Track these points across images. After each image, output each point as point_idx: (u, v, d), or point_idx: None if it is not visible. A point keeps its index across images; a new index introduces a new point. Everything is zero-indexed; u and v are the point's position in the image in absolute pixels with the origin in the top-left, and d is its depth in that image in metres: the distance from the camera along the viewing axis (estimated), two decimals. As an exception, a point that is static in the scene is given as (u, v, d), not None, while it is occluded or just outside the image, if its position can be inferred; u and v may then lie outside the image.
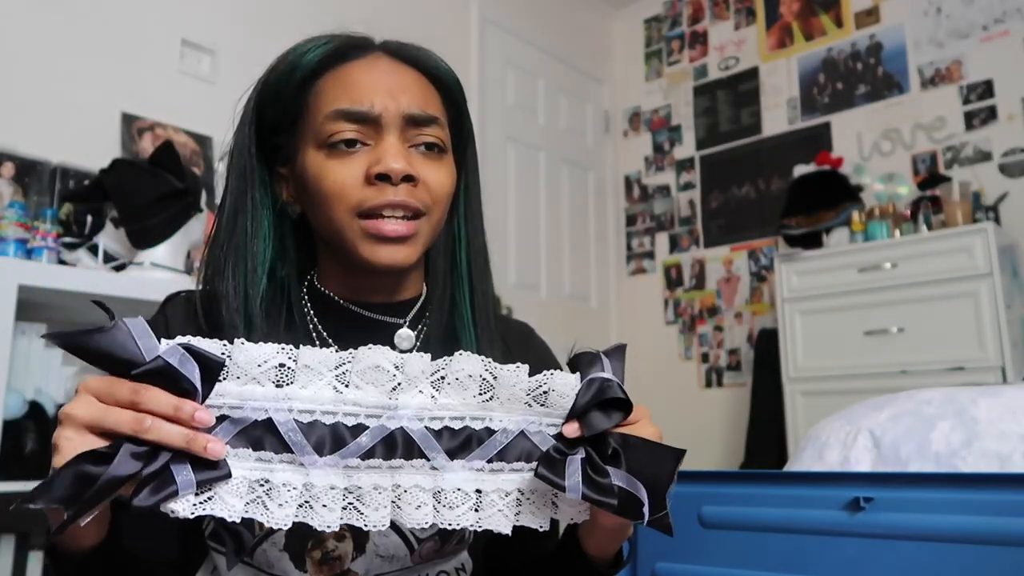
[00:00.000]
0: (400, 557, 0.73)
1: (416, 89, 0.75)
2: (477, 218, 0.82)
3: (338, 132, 0.72)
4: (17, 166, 1.86)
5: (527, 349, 0.87)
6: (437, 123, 0.75)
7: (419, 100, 0.74)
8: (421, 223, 0.73)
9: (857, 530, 0.83)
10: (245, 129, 0.76)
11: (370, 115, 0.72)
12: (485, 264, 0.82)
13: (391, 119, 0.72)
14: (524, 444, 0.60)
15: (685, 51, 3.77)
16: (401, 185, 0.71)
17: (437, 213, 0.75)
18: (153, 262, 1.75)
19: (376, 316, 0.78)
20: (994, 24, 2.91)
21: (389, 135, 0.72)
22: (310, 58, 0.74)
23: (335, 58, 0.75)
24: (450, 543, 0.76)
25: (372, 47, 0.77)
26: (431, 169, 0.74)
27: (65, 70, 2.04)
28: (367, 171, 0.71)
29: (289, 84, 0.75)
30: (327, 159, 0.72)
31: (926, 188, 2.78)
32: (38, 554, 1.65)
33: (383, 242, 0.71)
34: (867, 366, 2.62)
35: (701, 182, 3.62)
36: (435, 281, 0.81)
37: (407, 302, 0.80)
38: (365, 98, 0.72)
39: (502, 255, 3.17)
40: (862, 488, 0.84)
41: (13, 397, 1.55)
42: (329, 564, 0.71)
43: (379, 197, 0.71)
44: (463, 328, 0.79)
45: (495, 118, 3.22)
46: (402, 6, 2.83)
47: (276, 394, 0.56)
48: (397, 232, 0.71)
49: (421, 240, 0.74)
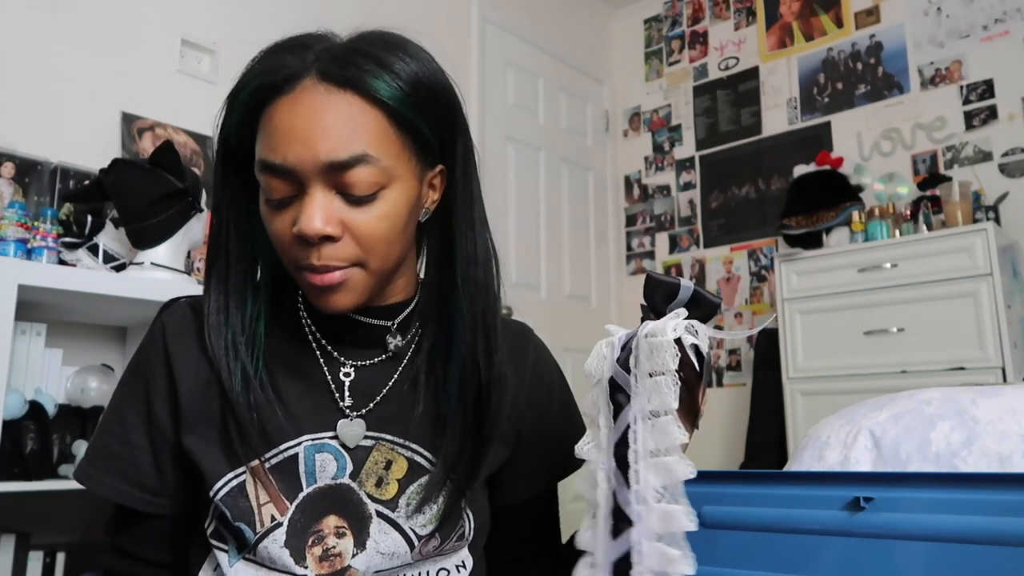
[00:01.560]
0: (400, 554, 0.73)
1: (337, 128, 0.67)
2: (477, 221, 0.78)
3: (267, 185, 0.69)
4: (17, 166, 1.86)
5: (525, 351, 0.87)
6: (364, 161, 0.67)
7: (337, 144, 0.66)
8: (352, 272, 0.70)
9: (857, 530, 0.83)
10: (218, 164, 0.75)
11: (284, 168, 0.67)
12: (488, 268, 0.78)
13: (310, 170, 0.67)
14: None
15: (685, 51, 3.77)
16: (322, 245, 0.68)
17: (376, 257, 0.71)
18: (153, 262, 1.75)
19: (365, 319, 0.78)
20: (994, 24, 2.91)
21: (313, 188, 0.67)
22: (243, 97, 0.70)
23: (266, 92, 0.69)
24: (450, 540, 0.76)
25: (303, 72, 0.68)
26: (358, 215, 0.68)
27: (65, 70, 2.04)
28: (292, 227, 0.69)
29: (233, 124, 0.72)
30: (266, 208, 0.71)
31: (926, 188, 2.78)
32: (38, 554, 1.65)
33: (321, 292, 0.71)
34: (867, 366, 2.62)
35: (701, 182, 3.62)
36: (428, 286, 0.80)
37: (398, 305, 0.80)
38: (279, 151, 0.67)
39: (502, 255, 3.15)
40: (862, 488, 0.83)
41: (13, 397, 1.55)
42: (330, 561, 0.71)
43: (305, 257, 0.69)
44: (458, 337, 0.76)
45: (495, 118, 3.22)
46: (402, 6, 2.83)
47: None
48: (325, 283, 0.69)
49: (358, 287, 0.71)
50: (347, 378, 0.77)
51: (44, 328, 1.75)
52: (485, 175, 0.83)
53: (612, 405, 0.62)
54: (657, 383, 0.60)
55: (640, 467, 0.59)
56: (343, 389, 0.77)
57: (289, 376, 0.76)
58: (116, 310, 1.82)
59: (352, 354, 0.78)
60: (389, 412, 0.77)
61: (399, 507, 0.74)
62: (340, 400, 0.76)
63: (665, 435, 0.59)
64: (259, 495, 0.72)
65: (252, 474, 0.72)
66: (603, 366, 0.63)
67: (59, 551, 1.69)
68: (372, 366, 0.78)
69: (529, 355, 0.86)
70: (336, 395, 0.76)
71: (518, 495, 0.85)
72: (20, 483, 1.54)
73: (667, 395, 0.59)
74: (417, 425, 0.76)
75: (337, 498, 0.73)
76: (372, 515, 0.74)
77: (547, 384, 0.88)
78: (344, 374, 0.77)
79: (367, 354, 0.79)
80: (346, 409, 0.76)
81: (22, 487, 1.54)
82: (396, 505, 0.74)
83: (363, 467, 0.75)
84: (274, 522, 0.71)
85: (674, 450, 0.59)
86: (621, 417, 0.61)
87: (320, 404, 0.76)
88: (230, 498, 0.71)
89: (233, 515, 0.71)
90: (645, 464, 0.59)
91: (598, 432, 0.63)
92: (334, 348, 0.78)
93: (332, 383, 0.77)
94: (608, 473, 0.61)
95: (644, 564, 0.58)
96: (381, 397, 0.77)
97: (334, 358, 0.78)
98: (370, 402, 0.77)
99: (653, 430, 0.60)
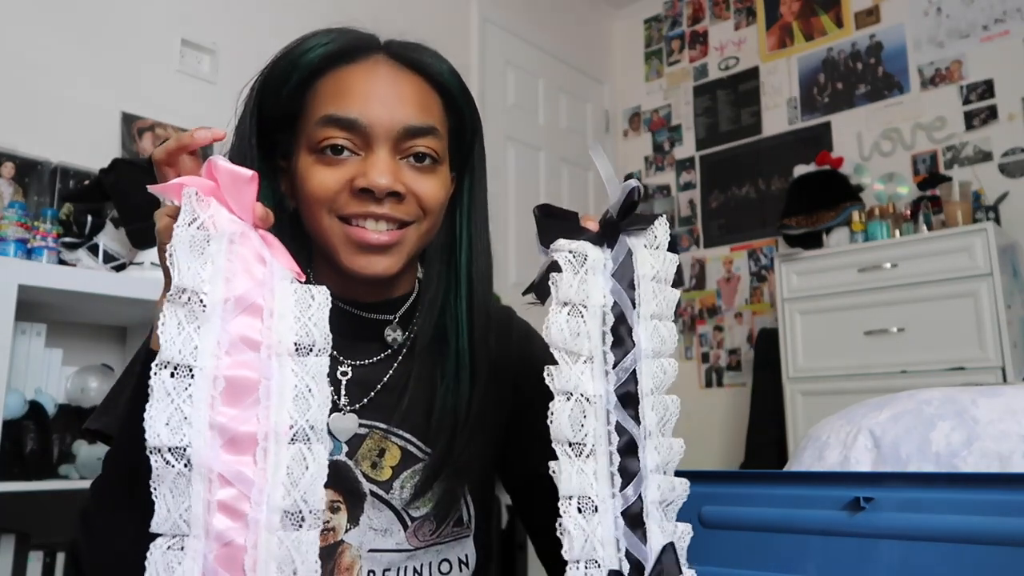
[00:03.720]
0: (394, 531, 0.74)
1: (414, 99, 0.73)
2: (481, 221, 0.81)
3: (327, 138, 0.71)
4: (17, 166, 1.86)
5: (508, 332, 0.88)
6: (434, 134, 0.73)
7: (416, 111, 0.73)
8: (408, 231, 0.73)
9: (857, 530, 0.83)
10: (246, 120, 0.76)
11: (359, 124, 0.71)
12: (487, 268, 0.81)
13: (383, 132, 0.71)
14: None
15: (685, 51, 3.77)
16: (386, 200, 0.71)
17: (427, 223, 0.74)
18: (153, 262, 1.75)
19: (366, 315, 0.79)
20: (994, 24, 2.91)
21: (380, 148, 0.71)
22: (311, 57, 0.73)
23: (335, 59, 0.74)
24: (447, 525, 0.77)
25: (374, 48, 0.75)
26: (422, 181, 0.73)
27: (65, 70, 2.03)
28: (352, 181, 0.70)
29: (288, 83, 0.74)
30: (315, 163, 0.72)
31: (926, 188, 2.78)
32: (38, 554, 1.65)
33: (365, 251, 0.71)
34: (867, 366, 2.62)
35: (701, 182, 3.62)
36: (428, 282, 0.81)
37: (399, 299, 0.81)
38: (356, 107, 0.71)
39: (502, 255, 3.17)
40: (862, 488, 0.84)
41: (13, 397, 1.55)
42: (323, 535, 0.71)
43: (361, 208, 0.70)
44: (455, 331, 0.78)
45: (495, 118, 3.22)
46: (402, 6, 2.83)
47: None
48: (380, 241, 0.71)
49: (406, 249, 0.73)
50: (344, 377, 0.77)
51: (44, 328, 1.74)
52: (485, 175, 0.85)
53: (613, 337, 0.63)
54: (657, 327, 0.64)
55: (645, 404, 0.63)
56: (339, 387, 0.77)
57: None
58: (116, 310, 1.82)
59: (350, 351, 0.78)
60: (383, 402, 0.77)
61: (393, 489, 0.75)
62: (335, 396, 0.76)
63: (665, 376, 0.64)
64: None
65: None
66: (594, 287, 0.63)
67: (59, 551, 1.69)
68: (370, 364, 0.79)
69: (513, 335, 0.88)
70: (331, 391, 0.76)
71: (536, 463, 0.84)
72: (20, 483, 1.54)
73: (673, 335, 0.66)
74: (411, 415, 0.77)
75: (332, 473, 0.73)
76: (367, 494, 0.74)
77: (539, 360, 0.88)
78: (341, 373, 0.77)
79: (365, 350, 0.79)
80: (340, 404, 0.76)
81: (22, 487, 1.54)
82: (391, 487, 0.75)
83: (358, 451, 0.75)
84: None
85: (669, 387, 0.65)
86: (627, 353, 0.63)
87: None
88: None
89: None
90: (647, 402, 0.63)
91: (578, 365, 0.62)
92: (334, 342, 0.78)
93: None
94: (609, 408, 0.62)
95: (648, 498, 0.61)
96: (376, 391, 0.78)
97: (332, 356, 0.78)
98: (365, 397, 0.77)
99: (656, 368, 0.64)
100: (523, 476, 0.86)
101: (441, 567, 0.77)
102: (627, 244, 0.65)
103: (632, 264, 0.64)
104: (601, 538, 0.59)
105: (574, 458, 0.60)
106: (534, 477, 0.85)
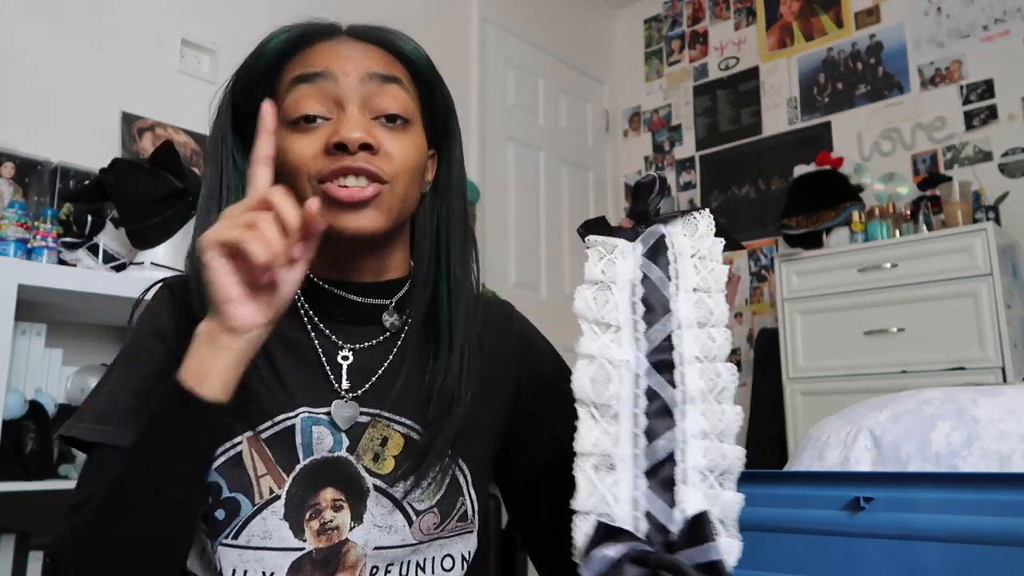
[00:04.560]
0: (398, 528, 0.73)
1: (379, 57, 0.76)
2: (458, 192, 0.83)
3: (298, 103, 0.73)
4: (17, 166, 1.86)
5: (509, 327, 0.88)
6: (400, 83, 0.76)
7: (382, 65, 0.76)
8: (383, 188, 0.73)
9: (857, 530, 0.83)
10: (220, 121, 0.78)
11: (326, 73, 0.73)
12: (465, 235, 0.82)
13: (349, 83, 0.73)
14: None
15: (685, 51, 3.77)
16: (359, 153, 0.72)
17: (401, 184, 0.75)
18: (153, 262, 1.75)
19: (362, 299, 0.79)
20: (994, 24, 2.91)
21: (350, 105, 0.73)
22: (274, 44, 0.76)
23: (299, 43, 0.77)
24: (451, 519, 0.76)
25: (337, 32, 0.78)
26: (393, 140, 0.74)
27: (65, 70, 2.04)
28: (326, 142, 0.72)
29: (256, 72, 0.77)
30: (290, 134, 0.73)
31: (926, 188, 2.78)
32: (38, 554, 1.65)
33: (345, 208, 0.72)
34: (867, 366, 2.62)
35: (701, 182, 3.62)
36: (420, 260, 0.81)
37: (394, 282, 0.81)
38: (320, 62, 0.74)
39: (502, 255, 3.16)
40: (862, 488, 0.84)
41: (13, 397, 1.55)
42: (327, 534, 0.71)
43: (337, 163, 0.71)
44: (440, 306, 0.79)
45: (495, 118, 3.22)
46: (402, 6, 2.83)
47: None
48: (353, 197, 0.71)
49: (385, 206, 0.73)
50: (345, 361, 0.77)
51: (44, 328, 1.74)
52: (485, 175, 0.85)
53: (645, 308, 0.63)
54: (702, 299, 0.64)
55: (685, 370, 0.61)
56: (340, 372, 0.77)
57: (286, 352, 0.76)
58: (116, 310, 1.82)
59: (348, 335, 0.78)
60: (385, 389, 0.77)
61: (396, 481, 0.74)
62: (336, 383, 0.76)
63: (715, 345, 0.62)
64: (256, 466, 0.71)
65: (249, 444, 0.72)
66: (623, 267, 0.64)
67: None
68: (370, 347, 0.79)
69: (514, 329, 0.88)
70: (332, 377, 0.76)
71: (538, 460, 0.84)
72: (20, 483, 1.54)
73: (722, 307, 0.65)
74: (412, 401, 0.77)
75: (334, 471, 0.73)
76: (370, 489, 0.74)
77: (539, 351, 0.90)
78: (342, 357, 0.77)
79: (363, 334, 0.79)
80: (342, 391, 0.76)
81: (22, 487, 1.53)
82: (394, 480, 0.74)
83: (359, 443, 0.75)
84: (272, 495, 0.71)
85: (722, 357, 0.62)
86: (661, 321, 0.62)
87: (317, 382, 0.76)
88: (227, 467, 0.71)
89: (230, 485, 0.70)
90: (691, 368, 0.61)
91: (606, 333, 0.62)
92: (329, 328, 0.78)
93: (328, 365, 0.77)
94: (640, 373, 0.61)
95: (688, 463, 0.59)
96: (377, 377, 0.78)
97: (332, 341, 0.78)
98: (366, 382, 0.77)
99: (704, 337, 0.63)
100: (523, 476, 0.86)
101: (444, 563, 0.76)
102: (660, 230, 0.66)
103: (666, 245, 0.65)
104: (616, 495, 0.58)
105: (599, 419, 0.60)
106: (533, 477, 0.85)
